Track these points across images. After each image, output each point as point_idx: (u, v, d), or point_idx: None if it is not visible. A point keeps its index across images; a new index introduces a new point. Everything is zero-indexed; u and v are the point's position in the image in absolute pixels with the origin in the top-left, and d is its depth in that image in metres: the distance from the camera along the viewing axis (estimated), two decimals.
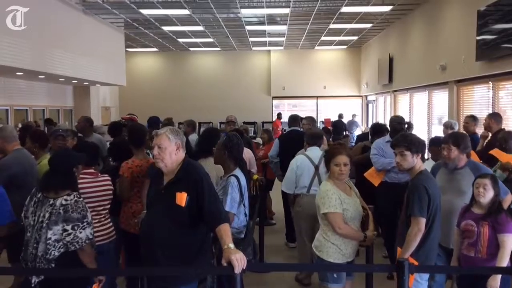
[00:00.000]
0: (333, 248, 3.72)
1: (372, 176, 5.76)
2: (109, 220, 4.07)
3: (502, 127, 6.38)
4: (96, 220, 3.78)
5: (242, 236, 4.01)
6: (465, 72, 9.11)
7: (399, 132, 5.67)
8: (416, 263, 3.35)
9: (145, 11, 11.99)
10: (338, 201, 3.69)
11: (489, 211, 3.61)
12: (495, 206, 3.61)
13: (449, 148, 3.97)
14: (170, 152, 3.15)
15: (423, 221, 3.46)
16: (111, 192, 4.10)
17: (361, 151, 6.76)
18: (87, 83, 14.47)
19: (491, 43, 7.87)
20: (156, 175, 3.36)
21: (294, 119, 7.30)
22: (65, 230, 3.23)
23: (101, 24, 13.78)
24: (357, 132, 16.01)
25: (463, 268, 3.76)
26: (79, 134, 6.42)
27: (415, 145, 3.64)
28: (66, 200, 3.29)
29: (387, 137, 5.80)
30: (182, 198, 3.07)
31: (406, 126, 5.98)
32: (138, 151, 4.56)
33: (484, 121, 6.44)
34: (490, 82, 8.60)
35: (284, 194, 6.31)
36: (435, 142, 5.14)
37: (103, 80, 14.24)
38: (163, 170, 3.21)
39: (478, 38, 8.23)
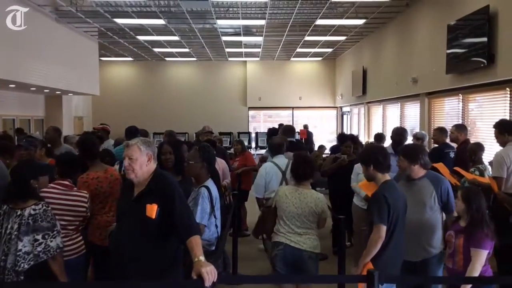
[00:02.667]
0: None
1: (367, 187, 5.74)
2: (78, 234, 3.96)
3: (468, 137, 6.60)
4: (63, 235, 3.62)
5: (213, 248, 3.97)
6: (436, 84, 9.32)
7: (398, 144, 5.99)
8: (371, 267, 3.40)
9: (119, 20, 11.87)
10: None
11: (468, 224, 3.63)
12: (475, 220, 3.60)
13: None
14: (141, 163, 3.12)
15: (383, 228, 3.54)
16: (84, 210, 3.94)
17: (332, 163, 6.88)
18: (59, 92, 14.22)
19: (461, 56, 8.06)
20: (126, 186, 3.32)
21: (290, 130, 7.56)
22: (35, 240, 3.21)
23: (75, 33, 13.59)
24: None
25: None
26: (48, 145, 6.28)
27: (366, 158, 3.83)
28: (34, 209, 3.28)
29: None
30: (152, 210, 3.03)
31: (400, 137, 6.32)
32: (93, 163, 4.47)
33: (451, 133, 6.60)
34: (460, 95, 8.80)
35: None
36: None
37: (76, 89, 14.02)
38: (134, 181, 3.17)
39: (448, 51, 8.42)
